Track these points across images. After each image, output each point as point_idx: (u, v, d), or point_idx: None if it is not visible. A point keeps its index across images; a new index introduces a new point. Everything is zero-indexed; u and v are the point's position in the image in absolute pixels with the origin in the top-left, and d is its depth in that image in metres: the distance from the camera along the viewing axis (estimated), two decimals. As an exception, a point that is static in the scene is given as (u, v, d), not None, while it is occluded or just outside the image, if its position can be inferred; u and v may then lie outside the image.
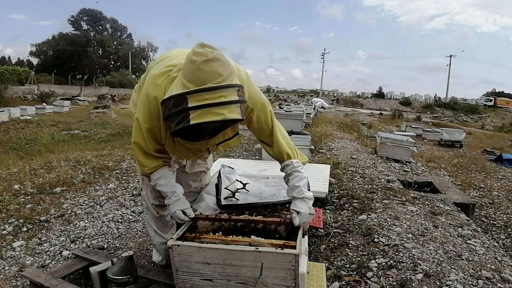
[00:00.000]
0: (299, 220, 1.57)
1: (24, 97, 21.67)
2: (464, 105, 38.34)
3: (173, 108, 1.32)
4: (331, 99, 45.95)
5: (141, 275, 1.82)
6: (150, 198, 2.02)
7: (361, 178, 4.52)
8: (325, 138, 8.21)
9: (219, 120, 1.29)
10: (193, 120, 1.27)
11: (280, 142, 1.73)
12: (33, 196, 3.68)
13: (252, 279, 1.40)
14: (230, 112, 1.29)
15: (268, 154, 1.80)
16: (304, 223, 1.59)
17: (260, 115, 1.65)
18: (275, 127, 1.72)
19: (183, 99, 1.29)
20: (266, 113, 1.68)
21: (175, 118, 1.32)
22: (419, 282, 2.07)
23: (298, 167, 1.71)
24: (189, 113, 1.27)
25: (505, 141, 13.66)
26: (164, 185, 1.69)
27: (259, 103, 1.64)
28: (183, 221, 1.64)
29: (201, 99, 1.27)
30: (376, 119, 20.35)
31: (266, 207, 1.82)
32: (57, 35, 54.41)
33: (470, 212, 4.00)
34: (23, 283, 2.08)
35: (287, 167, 1.72)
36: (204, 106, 1.27)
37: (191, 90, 1.28)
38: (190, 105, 1.27)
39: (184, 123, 1.29)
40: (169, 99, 1.34)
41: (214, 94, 1.28)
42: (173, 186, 1.71)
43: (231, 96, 1.31)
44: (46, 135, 9.56)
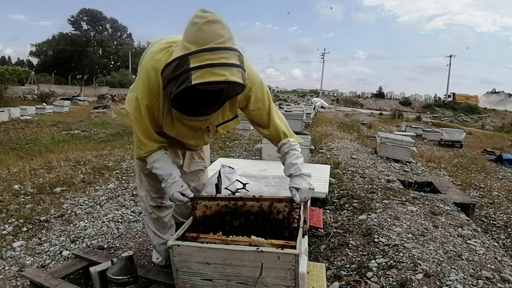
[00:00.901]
0: (299, 196, 1.55)
1: (24, 97, 21.67)
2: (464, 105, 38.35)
3: (174, 71, 1.31)
4: (331, 99, 45.95)
5: (141, 275, 1.82)
6: (148, 199, 2.02)
7: (361, 178, 4.52)
8: (325, 138, 8.21)
9: (220, 80, 1.27)
10: (195, 80, 1.26)
11: (277, 122, 1.73)
12: (33, 196, 3.68)
13: (252, 279, 1.40)
14: (232, 75, 1.29)
15: (264, 136, 1.79)
16: (305, 199, 1.58)
17: (258, 95, 1.66)
18: (272, 107, 1.73)
19: (185, 60, 1.28)
20: (263, 93, 1.69)
21: (176, 81, 1.30)
22: (419, 282, 2.07)
23: (295, 145, 1.71)
24: (191, 73, 1.27)
25: (505, 141, 13.65)
26: (160, 168, 1.66)
27: (257, 82, 1.65)
28: (182, 202, 1.61)
29: (203, 59, 1.26)
30: (376, 119, 20.35)
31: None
32: (57, 35, 54.44)
33: (470, 212, 4.00)
34: (23, 283, 2.08)
35: (284, 145, 1.72)
36: (206, 66, 1.26)
37: (192, 51, 1.27)
38: (192, 66, 1.27)
39: (186, 83, 1.27)
40: (171, 63, 1.33)
41: (215, 54, 1.27)
42: (170, 169, 1.67)
43: (232, 59, 1.31)
44: (46, 135, 9.56)
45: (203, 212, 1.65)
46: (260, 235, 1.58)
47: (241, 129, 10.49)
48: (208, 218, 1.65)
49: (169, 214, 2.11)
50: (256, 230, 1.60)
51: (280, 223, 1.60)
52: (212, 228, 1.63)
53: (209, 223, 1.65)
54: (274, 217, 1.60)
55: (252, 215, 1.62)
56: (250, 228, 1.62)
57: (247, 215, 1.62)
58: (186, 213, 2.22)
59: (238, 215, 1.63)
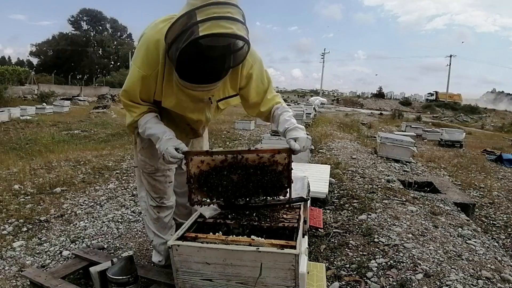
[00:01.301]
0: (298, 145, 1.56)
1: (24, 97, 21.65)
2: (464, 105, 38.36)
3: (181, 26, 1.31)
4: (331, 99, 45.91)
5: (141, 275, 1.82)
6: (148, 199, 2.02)
7: (361, 178, 4.52)
8: (325, 138, 8.21)
9: (228, 33, 1.29)
10: (203, 32, 1.27)
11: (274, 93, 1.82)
12: (33, 196, 3.68)
13: (252, 279, 1.40)
14: (238, 29, 1.30)
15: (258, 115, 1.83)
16: (304, 148, 1.59)
17: (258, 72, 1.70)
18: (270, 83, 1.79)
19: (191, 15, 1.29)
20: (263, 70, 1.73)
21: (184, 35, 1.30)
22: (419, 282, 2.07)
23: (287, 108, 1.78)
24: (198, 25, 1.27)
25: (505, 141, 13.65)
26: (152, 127, 1.61)
27: (257, 60, 1.69)
28: (176, 158, 1.53)
29: (209, 12, 1.28)
30: (376, 119, 20.35)
31: (267, 207, 1.82)
32: (57, 35, 54.44)
33: (470, 212, 4.00)
34: (23, 283, 2.08)
35: (277, 109, 1.77)
36: (213, 18, 1.27)
37: (199, 6, 1.28)
38: (199, 19, 1.27)
39: (194, 35, 1.27)
40: (176, 21, 1.34)
41: (221, 8, 1.29)
42: (163, 128, 1.61)
43: (237, 15, 1.33)
44: (46, 135, 9.56)
45: (198, 169, 1.58)
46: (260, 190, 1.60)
47: (241, 129, 10.49)
48: (204, 174, 1.59)
49: (169, 215, 2.10)
50: (255, 184, 1.60)
51: (279, 174, 1.60)
52: (207, 186, 1.59)
53: (205, 180, 1.59)
54: (273, 168, 1.59)
55: (251, 167, 1.59)
56: (249, 181, 1.60)
57: (246, 168, 1.59)
58: (186, 214, 2.22)
59: (237, 168, 1.59)
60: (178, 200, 2.18)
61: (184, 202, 2.27)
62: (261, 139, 5.46)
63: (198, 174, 1.58)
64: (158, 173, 1.95)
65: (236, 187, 1.63)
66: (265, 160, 1.59)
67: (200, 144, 2.19)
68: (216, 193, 1.63)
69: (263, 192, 1.64)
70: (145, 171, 1.95)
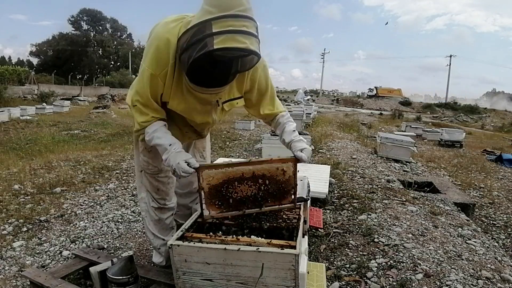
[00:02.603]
0: (305, 155, 1.66)
1: (24, 97, 21.64)
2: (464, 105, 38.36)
3: (196, 35, 1.32)
4: (331, 99, 45.90)
5: (141, 275, 1.82)
6: (149, 200, 2.01)
7: (361, 178, 4.52)
8: (325, 138, 8.21)
9: (241, 47, 1.30)
10: (217, 45, 1.28)
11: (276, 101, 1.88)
12: (33, 196, 3.68)
13: (252, 279, 1.40)
14: (251, 44, 1.31)
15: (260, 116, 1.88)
16: (308, 158, 1.69)
17: (262, 76, 1.75)
18: (273, 88, 1.85)
19: (207, 25, 1.30)
20: (268, 73, 1.78)
21: (198, 45, 1.31)
22: (419, 282, 2.07)
23: (290, 118, 1.88)
24: (213, 37, 1.28)
25: (505, 141, 13.65)
26: (161, 137, 1.59)
27: (262, 64, 1.71)
28: (188, 173, 1.52)
29: (225, 25, 1.28)
30: (376, 119, 20.35)
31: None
32: (57, 35, 54.41)
33: (470, 212, 4.00)
34: (23, 283, 2.08)
35: (282, 117, 1.85)
36: (228, 32, 1.28)
37: (216, 16, 1.29)
38: (214, 30, 1.28)
39: (208, 47, 1.29)
40: (192, 28, 1.34)
41: (238, 21, 1.29)
42: (172, 139, 1.61)
43: (252, 29, 1.33)
44: (46, 135, 9.56)
45: (209, 183, 1.61)
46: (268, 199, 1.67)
47: (241, 129, 10.49)
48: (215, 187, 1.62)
49: (170, 216, 2.08)
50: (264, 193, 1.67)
51: (287, 181, 1.68)
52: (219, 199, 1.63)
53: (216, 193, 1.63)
54: (281, 177, 1.68)
55: (261, 177, 1.65)
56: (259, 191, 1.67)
57: (256, 178, 1.65)
58: (187, 214, 2.22)
59: (247, 179, 1.64)
60: (179, 201, 2.18)
61: (185, 203, 2.27)
62: (261, 139, 5.46)
63: (209, 188, 1.62)
64: (161, 174, 1.93)
65: (246, 198, 1.67)
66: (274, 169, 1.67)
67: (202, 144, 2.20)
68: (227, 205, 1.65)
69: (271, 200, 1.70)
70: (147, 171, 1.93)
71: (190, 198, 2.27)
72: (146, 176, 1.96)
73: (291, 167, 1.68)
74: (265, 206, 1.70)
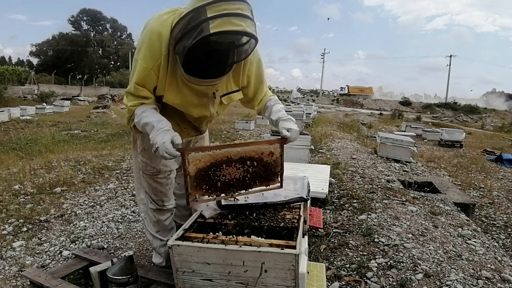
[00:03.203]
0: (291, 135, 1.66)
1: (24, 97, 21.66)
2: (464, 105, 38.37)
3: (191, 22, 1.31)
4: (331, 99, 45.91)
5: (141, 275, 1.82)
6: (148, 202, 2.00)
7: (361, 178, 4.52)
8: (325, 138, 8.21)
9: (238, 30, 1.29)
10: (213, 29, 1.27)
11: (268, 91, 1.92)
12: (33, 196, 3.68)
13: (252, 279, 1.40)
14: (248, 26, 1.31)
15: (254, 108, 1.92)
16: (295, 139, 1.71)
17: (257, 70, 1.77)
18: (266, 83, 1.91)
19: (201, 11, 1.29)
20: (262, 67, 1.81)
21: (193, 32, 1.30)
22: (419, 282, 2.07)
23: (279, 101, 1.91)
24: (209, 22, 1.27)
25: (505, 141, 13.65)
26: (149, 116, 1.54)
27: (257, 57, 1.74)
28: (171, 155, 1.45)
29: (220, 9, 1.27)
30: (376, 119, 20.35)
31: (266, 207, 1.82)
32: (57, 35, 54.44)
33: (470, 212, 4.00)
34: (23, 283, 2.08)
35: (270, 100, 1.88)
36: (224, 15, 1.27)
37: (209, 1, 1.28)
38: (209, 15, 1.27)
39: (204, 33, 1.28)
40: (185, 16, 1.34)
41: (232, 5, 1.29)
42: (160, 116, 1.55)
43: (247, 12, 1.33)
44: (46, 135, 9.56)
45: (196, 165, 1.56)
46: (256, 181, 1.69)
47: (241, 129, 10.49)
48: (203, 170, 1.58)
49: (169, 218, 2.07)
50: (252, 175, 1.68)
51: (274, 163, 1.71)
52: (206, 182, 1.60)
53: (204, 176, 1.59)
54: (268, 158, 1.69)
55: (248, 159, 1.65)
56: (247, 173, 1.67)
57: (244, 161, 1.65)
58: (186, 215, 2.21)
59: (235, 162, 1.63)
60: (178, 202, 2.17)
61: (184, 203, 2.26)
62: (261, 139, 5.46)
63: (196, 171, 1.57)
64: (159, 175, 1.92)
65: (233, 180, 1.66)
66: (261, 151, 1.67)
67: (201, 143, 2.18)
68: (215, 188, 1.63)
69: (259, 182, 1.72)
70: (146, 172, 1.92)
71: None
72: (144, 177, 1.95)
73: (278, 148, 1.69)
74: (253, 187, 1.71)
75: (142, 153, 1.89)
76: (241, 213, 1.77)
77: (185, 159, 1.52)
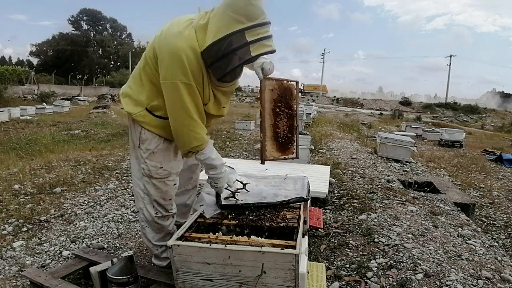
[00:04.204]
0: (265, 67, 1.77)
1: (24, 97, 21.66)
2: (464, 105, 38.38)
3: (233, 44, 1.50)
4: (331, 99, 45.93)
5: (141, 275, 1.82)
6: (151, 211, 1.92)
7: (361, 178, 4.52)
8: (325, 138, 8.21)
9: (270, 50, 1.56)
10: (254, 52, 1.52)
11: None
12: (33, 196, 3.67)
13: (252, 279, 1.40)
14: (273, 45, 1.57)
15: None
16: (269, 70, 1.80)
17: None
18: None
19: (241, 35, 1.48)
20: None
21: (235, 54, 1.51)
22: (419, 282, 2.07)
23: None
24: (249, 46, 1.50)
25: (505, 141, 13.65)
26: (216, 158, 1.79)
27: None
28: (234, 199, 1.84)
29: (255, 33, 1.50)
30: (376, 119, 20.35)
31: (266, 207, 1.82)
32: (57, 35, 54.46)
33: (470, 212, 4.00)
34: (23, 283, 2.08)
35: None
36: (260, 39, 1.51)
37: (248, 26, 1.47)
38: (249, 40, 1.49)
39: (247, 55, 1.51)
40: (226, 38, 1.49)
41: (263, 29, 1.51)
42: (221, 159, 1.84)
43: (271, 31, 1.57)
44: (46, 135, 9.55)
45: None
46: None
47: (241, 129, 10.49)
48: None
49: (172, 222, 2.03)
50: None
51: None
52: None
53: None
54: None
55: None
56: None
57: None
58: (184, 212, 2.22)
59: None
60: (176, 200, 2.15)
61: (182, 201, 2.25)
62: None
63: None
64: (170, 177, 1.89)
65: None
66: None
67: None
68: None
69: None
70: (156, 176, 1.84)
71: (187, 196, 2.28)
72: (153, 182, 1.86)
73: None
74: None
75: (151, 156, 1.82)
76: (241, 213, 1.77)
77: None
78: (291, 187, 2.05)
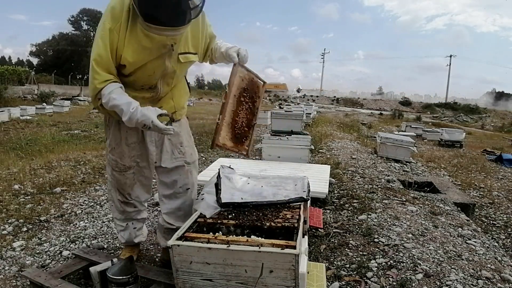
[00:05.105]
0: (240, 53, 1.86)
1: (24, 97, 21.65)
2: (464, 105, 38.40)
3: None
4: (331, 99, 45.94)
5: (141, 275, 1.82)
6: (116, 194, 2.13)
7: (361, 178, 4.52)
8: (325, 138, 8.21)
9: None
10: None
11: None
12: (33, 196, 3.67)
13: (252, 279, 1.40)
14: None
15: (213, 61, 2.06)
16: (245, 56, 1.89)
17: (212, 31, 1.97)
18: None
19: None
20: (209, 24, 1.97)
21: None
22: (419, 282, 2.07)
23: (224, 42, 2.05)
24: None
25: (505, 141, 13.66)
26: (117, 98, 1.63)
27: (209, 22, 1.95)
28: (167, 130, 1.66)
29: None
30: (376, 119, 20.36)
31: (266, 207, 1.82)
32: (57, 35, 54.42)
33: (470, 212, 4.00)
34: (23, 283, 2.08)
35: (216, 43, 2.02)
36: None
37: None
38: None
39: None
40: None
41: None
42: (129, 99, 1.65)
43: None
44: (46, 135, 9.55)
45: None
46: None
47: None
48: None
49: (137, 213, 2.25)
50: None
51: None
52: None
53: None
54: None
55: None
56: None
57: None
58: (179, 216, 2.15)
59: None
60: (168, 205, 2.14)
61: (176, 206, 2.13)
62: (261, 139, 5.46)
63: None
64: (129, 171, 2.04)
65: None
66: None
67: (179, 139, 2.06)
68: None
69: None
70: (116, 169, 2.03)
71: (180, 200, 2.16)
72: (114, 173, 2.06)
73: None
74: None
75: (112, 151, 2.00)
76: (241, 213, 1.77)
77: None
78: (291, 187, 2.05)
